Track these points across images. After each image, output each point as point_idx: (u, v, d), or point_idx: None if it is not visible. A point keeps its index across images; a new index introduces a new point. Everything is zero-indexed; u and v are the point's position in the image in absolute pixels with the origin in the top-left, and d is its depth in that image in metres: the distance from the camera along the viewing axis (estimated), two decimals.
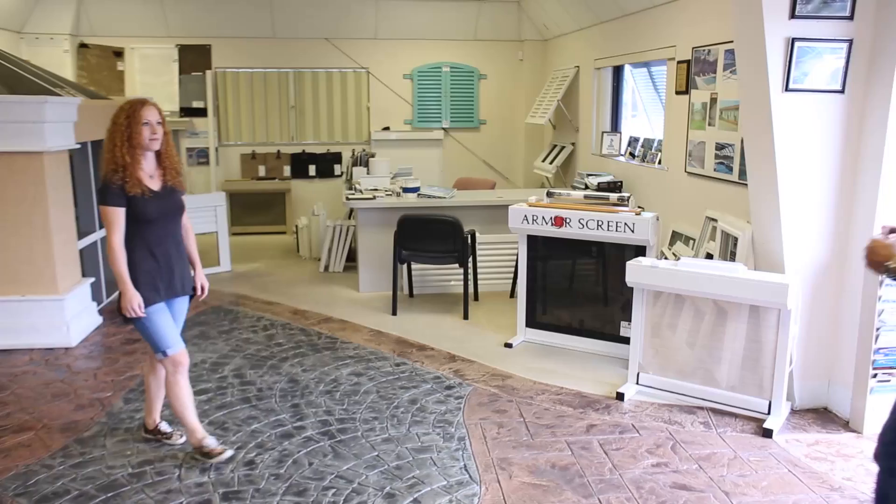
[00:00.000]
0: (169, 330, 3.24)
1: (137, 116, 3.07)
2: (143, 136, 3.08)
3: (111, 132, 3.10)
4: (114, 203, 3.05)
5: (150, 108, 3.13)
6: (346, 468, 3.27)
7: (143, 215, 3.11)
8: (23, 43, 8.23)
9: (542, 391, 4.19)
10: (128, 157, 3.07)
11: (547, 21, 8.65)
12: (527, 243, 4.97)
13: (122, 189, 3.04)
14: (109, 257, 3.08)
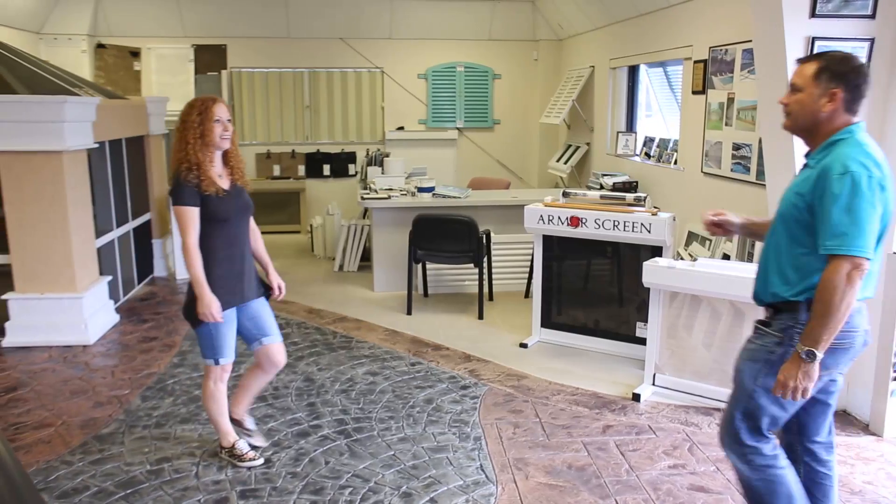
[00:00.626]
0: (229, 339, 3.16)
1: (210, 114, 3.00)
2: (216, 133, 3.01)
3: (182, 130, 3.00)
4: (190, 202, 2.96)
5: (221, 106, 3.05)
6: (362, 467, 3.28)
7: (218, 215, 3.03)
8: (42, 43, 8.30)
9: (557, 391, 4.19)
10: (201, 156, 2.99)
11: (562, 21, 8.64)
12: (542, 243, 4.96)
13: (197, 188, 2.96)
14: (186, 259, 2.98)
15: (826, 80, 2.20)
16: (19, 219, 4.83)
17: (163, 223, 7.04)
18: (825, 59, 2.23)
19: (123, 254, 6.10)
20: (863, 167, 2.10)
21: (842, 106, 2.20)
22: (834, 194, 2.09)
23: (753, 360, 2.33)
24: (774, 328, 2.29)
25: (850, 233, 2.07)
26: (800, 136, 2.35)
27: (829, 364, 2.21)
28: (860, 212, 2.07)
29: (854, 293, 2.08)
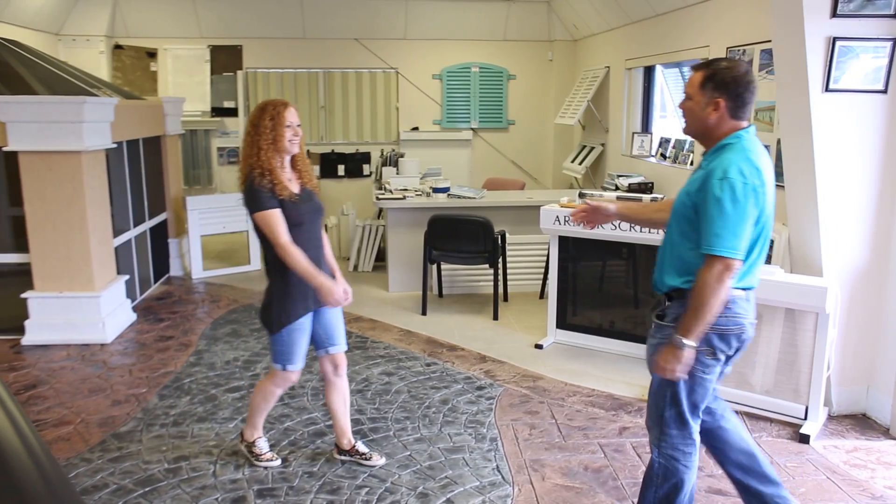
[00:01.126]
0: (301, 348, 3.15)
1: (281, 118, 2.95)
2: (287, 138, 2.97)
3: (253, 136, 2.95)
4: (270, 206, 2.91)
5: (292, 110, 3.01)
6: (378, 467, 3.29)
7: (292, 219, 2.96)
8: (60, 44, 8.37)
9: (573, 393, 4.18)
10: (274, 161, 2.95)
11: (577, 21, 8.61)
12: (558, 244, 4.95)
13: (272, 192, 2.92)
14: (286, 260, 2.92)
15: (710, 89, 2.35)
16: (39, 218, 4.87)
17: (179, 223, 7.08)
18: (711, 69, 2.37)
19: (140, 253, 6.14)
20: (740, 174, 2.26)
21: (726, 113, 2.36)
22: (713, 197, 2.28)
23: (660, 354, 2.44)
24: (669, 319, 2.47)
25: (724, 235, 2.25)
26: (696, 139, 2.52)
27: (722, 347, 2.41)
28: (733, 216, 2.25)
29: (725, 290, 2.28)
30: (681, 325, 2.34)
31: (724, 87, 2.33)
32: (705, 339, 2.37)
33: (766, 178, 2.32)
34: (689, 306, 2.31)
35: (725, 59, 2.41)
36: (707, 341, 2.39)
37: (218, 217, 6.93)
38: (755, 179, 2.27)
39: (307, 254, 3.00)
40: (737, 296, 2.38)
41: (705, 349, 2.40)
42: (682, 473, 2.54)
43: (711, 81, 2.35)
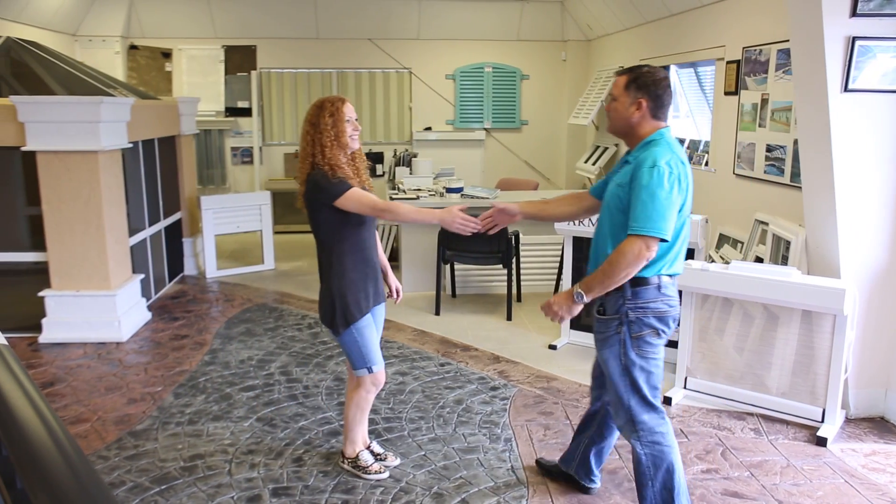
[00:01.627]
0: (376, 345, 3.08)
1: (341, 114, 2.91)
2: (348, 133, 2.93)
3: (314, 135, 2.90)
4: (349, 186, 2.84)
5: (349, 105, 2.97)
6: (393, 466, 3.29)
7: (353, 218, 2.92)
8: (77, 45, 8.44)
9: (587, 394, 4.15)
10: (340, 158, 2.91)
11: (591, 21, 8.59)
12: (572, 244, 4.94)
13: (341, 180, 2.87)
14: (398, 217, 2.90)
15: (634, 90, 2.58)
16: (56, 217, 4.91)
17: (193, 222, 7.12)
18: (634, 73, 2.60)
19: (155, 252, 6.17)
20: (668, 164, 2.46)
21: (648, 113, 2.58)
22: (642, 184, 2.46)
23: (610, 347, 2.65)
24: (609, 312, 2.64)
25: (652, 216, 2.43)
26: (620, 137, 2.71)
27: (662, 327, 2.61)
28: (662, 200, 2.43)
29: (637, 267, 2.47)
30: (586, 281, 2.57)
31: (646, 89, 2.56)
32: (647, 323, 2.58)
33: (687, 172, 2.53)
34: (600, 269, 2.52)
35: (647, 66, 2.64)
36: (650, 325, 2.59)
37: (232, 216, 6.96)
38: (680, 171, 2.49)
39: (366, 252, 3.02)
40: (667, 282, 2.60)
41: (649, 332, 2.59)
42: (668, 455, 2.65)
43: (634, 84, 2.58)
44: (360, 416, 3.20)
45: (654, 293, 2.57)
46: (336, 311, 2.96)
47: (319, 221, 2.96)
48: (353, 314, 2.97)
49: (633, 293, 2.56)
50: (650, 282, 2.55)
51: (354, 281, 2.98)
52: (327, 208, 2.89)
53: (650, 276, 2.55)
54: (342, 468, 3.27)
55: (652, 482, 2.66)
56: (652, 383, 2.64)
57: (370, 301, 3.04)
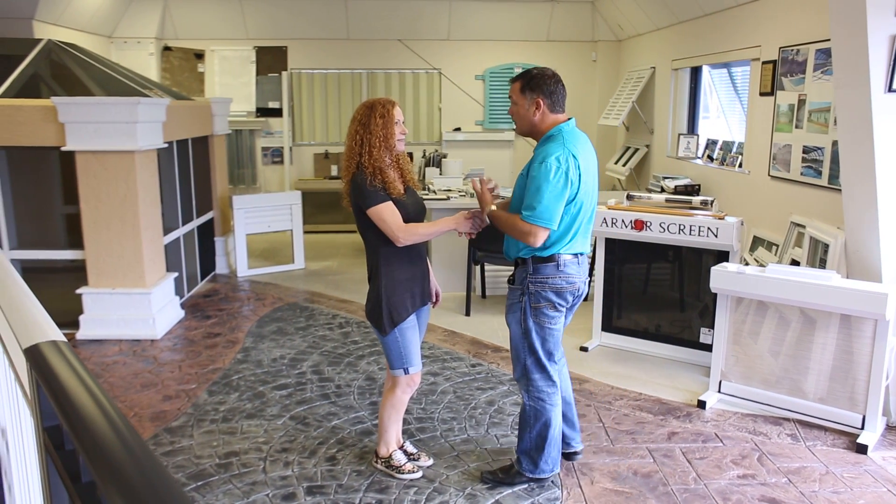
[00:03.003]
0: (417, 347, 3.11)
1: (391, 116, 2.94)
2: (397, 136, 2.96)
3: (363, 135, 2.92)
4: (382, 200, 2.89)
5: (398, 108, 3.00)
6: (426, 467, 3.29)
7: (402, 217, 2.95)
8: (112, 47, 8.57)
9: (620, 396, 4.13)
10: (385, 160, 2.94)
11: (622, 21, 8.53)
12: (604, 246, 4.91)
13: (383, 191, 2.91)
14: (411, 239, 2.92)
15: (529, 93, 2.87)
16: (93, 216, 4.99)
17: (225, 221, 7.19)
18: (526, 77, 2.90)
19: (188, 251, 6.25)
20: (557, 160, 2.75)
21: (546, 110, 2.87)
22: (533, 177, 2.79)
23: (513, 313, 3.03)
24: (517, 283, 3.01)
25: (536, 207, 2.76)
26: (526, 136, 3.01)
27: (559, 301, 2.96)
28: (546, 193, 2.74)
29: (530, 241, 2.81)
30: (500, 215, 2.96)
31: (540, 88, 2.85)
32: (545, 296, 2.94)
33: (581, 163, 2.82)
34: (509, 221, 2.89)
35: (535, 68, 2.93)
36: (547, 298, 2.94)
37: (263, 216, 7.01)
38: (569, 164, 2.76)
39: (414, 253, 3.06)
40: (567, 260, 2.93)
41: (546, 304, 2.95)
42: (549, 412, 3.05)
43: (528, 86, 2.88)
44: (395, 416, 3.22)
45: (553, 270, 2.91)
46: (383, 311, 2.99)
47: (367, 223, 2.97)
48: (399, 314, 3.00)
49: (535, 269, 2.92)
50: (549, 259, 2.90)
51: (402, 282, 3.01)
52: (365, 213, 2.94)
53: (550, 255, 2.90)
54: (375, 468, 3.28)
55: (530, 429, 3.09)
56: (547, 348, 3.01)
57: (417, 302, 3.08)
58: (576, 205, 2.85)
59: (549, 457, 3.10)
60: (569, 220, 2.86)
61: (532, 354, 3.01)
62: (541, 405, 3.05)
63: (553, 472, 3.14)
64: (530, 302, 2.95)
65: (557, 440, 3.12)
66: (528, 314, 2.97)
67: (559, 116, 2.90)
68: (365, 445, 3.50)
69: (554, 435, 3.08)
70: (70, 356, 1.11)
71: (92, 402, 0.95)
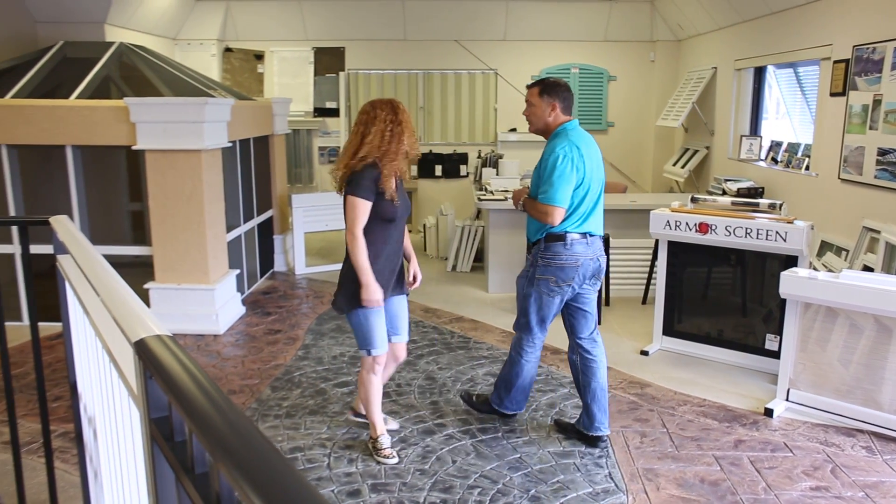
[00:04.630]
0: (382, 331, 3.28)
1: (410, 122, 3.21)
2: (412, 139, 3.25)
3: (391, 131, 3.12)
4: (366, 196, 3.10)
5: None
6: (489, 468, 3.29)
7: (388, 215, 3.18)
8: (176, 49, 8.79)
9: (683, 402, 4.06)
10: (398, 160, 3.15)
11: (682, 21, 8.39)
12: (667, 249, 4.83)
13: (375, 185, 3.11)
14: (351, 246, 3.14)
15: (547, 97, 3.36)
16: (161, 213, 5.12)
17: (283, 220, 7.31)
18: (544, 83, 3.41)
19: (248, 249, 6.37)
20: (563, 150, 3.25)
21: (559, 112, 3.38)
22: (545, 167, 3.31)
23: (522, 277, 3.53)
24: (530, 258, 3.48)
25: (548, 191, 3.28)
26: (539, 134, 3.50)
27: (562, 277, 3.38)
28: (556, 178, 3.25)
29: (550, 221, 3.29)
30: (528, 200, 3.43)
31: (556, 94, 3.36)
32: (550, 271, 3.38)
33: (584, 154, 3.30)
34: (531, 205, 3.39)
35: (550, 77, 3.50)
36: (552, 272, 3.38)
37: (321, 215, 7.10)
38: (574, 154, 3.26)
39: (390, 247, 3.25)
40: (574, 238, 3.36)
41: (549, 278, 3.39)
42: (522, 364, 3.61)
43: (546, 91, 3.38)
44: (370, 398, 3.38)
45: (561, 248, 3.35)
46: (347, 291, 3.22)
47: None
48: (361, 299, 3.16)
49: (546, 247, 3.38)
50: (559, 238, 3.35)
51: (375, 271, 3.18)
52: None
53: (559, 233, 3.35)
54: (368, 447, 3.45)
55: (506, 371, 3.67)
56: (540, 315, 3.49)
57: (386, 293, 3.26)
58: (583, 189, 3.32)
59: (513, 398, 3.68)
60: (577, 202, 3.33)
61: (524, 315, 3.52)
62: (517, 357, 3.61)
63: (514, 412, 3.74)
64: (537, 273, 3.42)
65: (523, 389, 3.67)
66: (532, 282, 3.44)
67: (567, 117, 3.41)
68: (427, 445, 3.51)
69: (521, 384, 3.63)
70: (177, 349, 1.14)
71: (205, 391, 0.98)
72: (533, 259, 3.43)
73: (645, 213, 6.01)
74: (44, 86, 5.54)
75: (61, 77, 5.68)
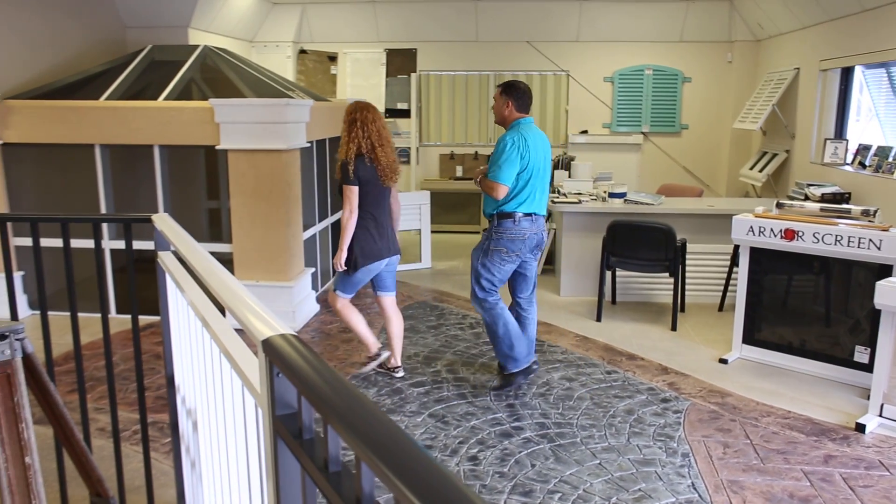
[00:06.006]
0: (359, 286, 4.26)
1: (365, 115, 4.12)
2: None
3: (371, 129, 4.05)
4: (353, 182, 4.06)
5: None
6: (569, 473, 3.26)
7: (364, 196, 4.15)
8: (253, 51, 9.02)
9: (766, 413, 3.95)
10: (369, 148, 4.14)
11: (762, 20, 8.15)
12: (749, 255, 4.70)
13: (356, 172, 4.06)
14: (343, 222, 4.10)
15: (506, 96, 4.06)
16: (241, 212, 5.25)
17: None
18: (505, 85, 4.09)
19: (323, 247, 6.47)
20: (512, 140, 3.94)
21: (514, 108, 4.05)
22: (497, 151, 3.98)
23: (477, 249, 4.17)
24: (486, 231, 4.12)
25: (496, 171, 3.94)
26: (499, 125, 4.19)
27: (512, 248, 4.04)
28: (502, 162, 3.92)
29: (495, 195, 3.95)
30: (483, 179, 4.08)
31: (512, 94, 4.04)
32: (502, 243, 4.02)
33: (530, 144, 3.94)
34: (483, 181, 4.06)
35: (514, 80, 4.13)
36: (504, 245, 4.03)
37: None
38: (521, 143, 3.92)
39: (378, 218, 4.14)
40: (521, 217, 4.00)
41: (501, 250, 4.03)
42: (503, 313, 4.11)
43: (506, 92, 4.06)
44: (354, 324, 4.33)
45: (511, 225, 4.00)
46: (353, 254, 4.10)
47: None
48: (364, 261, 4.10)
49: (498, 223, 4.03)
50: (509, 216, 3.99)
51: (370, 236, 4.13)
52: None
53: (510, 212, 3.99)
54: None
55: (496, 330, 4.11)
56: (493, 280, 4.09)
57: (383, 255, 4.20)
58: (527, 174, 3.96)
59: (520, 350, 4.13)
60: (522, 185, 3.96)
61: (477, 282, 4.13)
62: (493, 312, 4.09)
63: (532, 360, 4.23)
64: (491, 245, 4.05)
65: (519, 336, 4.14)
66: (486, 253, 4.08)
67: (522, 114, 4.07)
68: (505, 448, 3.51)
69: (515, 333, 4.11)
70: (303, 347, 1.16)
71: (342, 389, 1.00)
72: (488, 234, 4.08)
73: (722, 217, 5.88)
74: (133, 88, 5.76)
75: (149, 79, 5.89)
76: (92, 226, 2.67)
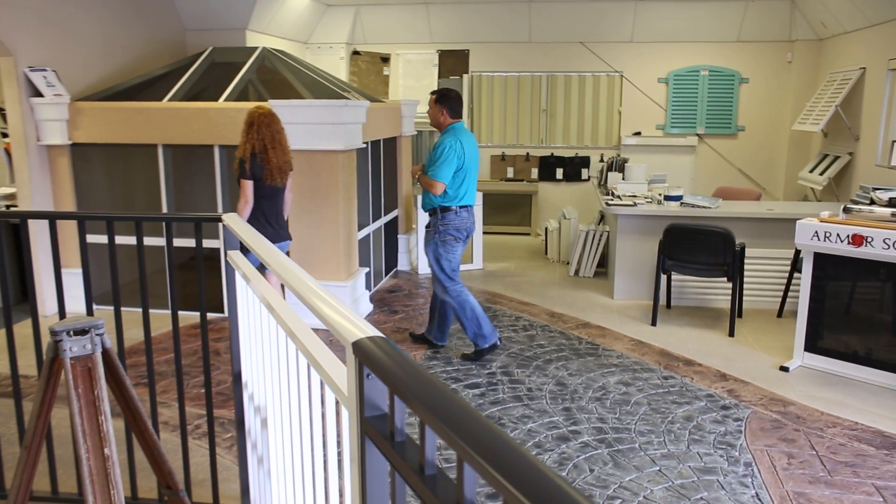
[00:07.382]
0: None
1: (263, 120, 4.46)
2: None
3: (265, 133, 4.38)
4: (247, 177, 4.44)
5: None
6: (628, 479, 3.22)
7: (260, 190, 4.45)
8: (308, 52, 9.13)
9: (832, 424, 3.84)
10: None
11: (826, 18, 7.93)
12: (812, 262, 4.58)
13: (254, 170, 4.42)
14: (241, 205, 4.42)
15: (439, 105, 4.60)
16: (298, 211, 5.32)
17: (408, 220, 7.45)
18: (438, 94, 4.63)
19: (375, 247, 6.52)
20: (449, 142, 4.47)
21: (448, 114, 4.60)
22: (436, 153, 4.49)
23: (428, 245, 4.66)
24: (431, 225, 4.65)
25: (435, 170, 4.46)
26: (435, 128, 4.73)
27: (459, 235, 4.59)
28: (441, 162, 4.45)
29: (434, 191, 4.51)
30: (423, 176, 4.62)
31: (445, 102, 4.59)
32: (450, 232, 4.57)
33: (465, 146, 4.51)
34: (423, 178, 4.59)
35: (446, 89, 4.63)
36: (450, 233, 4.56)
37: None
38: (458, 146, 4.47)
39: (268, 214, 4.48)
40: (460, 209, 4.57)
41: (450, 238, 4.57)
42: (468, 298, 4.61)
43: (439, 100, 4.59)
44: None
45: (453, 216, 4.56)
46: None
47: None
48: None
49: (442, 216, 4.56)
50: (450, 209, 4.55)
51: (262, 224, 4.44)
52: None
53: (450, 206, 4.54)
54: None
55: (464, 314, 4.60)
56: (451, 267, 4.61)
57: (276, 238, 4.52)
58: (462, 172, 4.52)
59: (487, 327, 4.64)
60: (458, 183, 4.52)
61: (441, 272, 4.61)
62: (460, 299, 4.59)
63: (495, 336, 4.69)
64: (440, 237, 4.57)
65: (483, 314, 4.64)
66: (438, 245, 4.59)
67: (455, 119, 4.61)
68: (563, 451, 3.48)
69: (479, 312, 4.62)
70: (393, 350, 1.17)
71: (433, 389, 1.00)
72: (434, 229, 4.60)
73: (782, 222, 5.75)
74: (194, 89, 5.89)
75: (209, 81, 6.02)
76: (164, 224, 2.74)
